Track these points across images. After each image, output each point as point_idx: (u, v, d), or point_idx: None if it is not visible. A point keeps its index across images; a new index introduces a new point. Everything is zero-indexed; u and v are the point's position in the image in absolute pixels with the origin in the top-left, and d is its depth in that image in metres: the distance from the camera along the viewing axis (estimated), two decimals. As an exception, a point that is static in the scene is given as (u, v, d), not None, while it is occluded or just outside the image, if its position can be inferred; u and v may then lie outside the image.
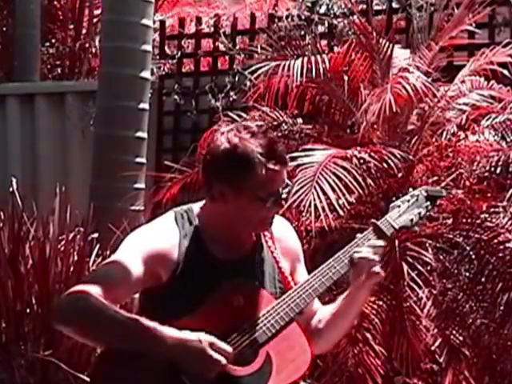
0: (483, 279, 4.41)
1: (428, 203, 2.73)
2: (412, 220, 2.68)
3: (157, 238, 2.53)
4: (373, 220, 2.67)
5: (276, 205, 2.53)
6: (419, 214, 2.70)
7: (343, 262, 2.56)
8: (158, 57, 7.73)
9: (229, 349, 2.38)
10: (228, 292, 2.48)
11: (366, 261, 2.55)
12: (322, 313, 2.67)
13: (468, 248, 4.44)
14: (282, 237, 2.67)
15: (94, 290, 2.39)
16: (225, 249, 2.56)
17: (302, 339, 2.49)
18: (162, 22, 8.13)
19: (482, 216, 4.48)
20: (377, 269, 2.55)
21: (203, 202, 2.62)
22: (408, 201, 2.71)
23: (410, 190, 2.78)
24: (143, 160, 6.48)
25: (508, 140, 4.62)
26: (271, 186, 2.50)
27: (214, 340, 2.36)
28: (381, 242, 2.59)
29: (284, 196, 2.53)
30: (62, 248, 4.66)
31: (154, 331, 2.35)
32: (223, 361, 2.36)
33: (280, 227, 2.68)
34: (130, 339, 2.37)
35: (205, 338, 2.36)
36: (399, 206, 2.70)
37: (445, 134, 4.70)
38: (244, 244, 2.60)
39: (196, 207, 2.62)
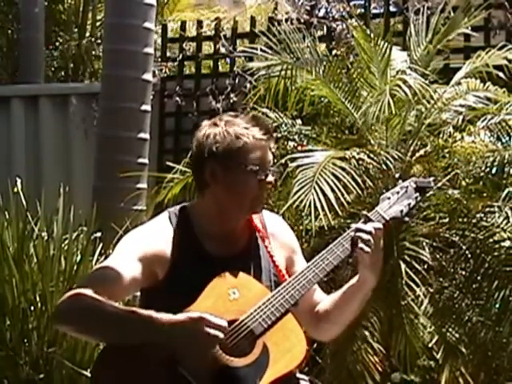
0: (479, 277, 4.41)
1: (417, 194, 2.75)
2: (402, 211, 2.71)
3: (151, 237, 2.58)
4: (363, 212, 2.71)
5: (266, 181, 2.57)
6: (409, 204, 2.72)
7: (336, 253, 2.60)
8: (159, 59, 7.79)
9: (224, 323, 2.40)
10: (223, 286, 2.51)
11: (361, 239, 2.58)
12: (330, 297, 2.71)
13: (464, 247, 4.44)
14: (276, 231, 2.72)
15: (90, 292, 2.44)
16: (220, 246, 2.59)
17: (298, 329, 2.53)
18: (164, 26, 8.19)
19: (478, 215, 4.48)
20: (365, 248, 2.58)
21: (196, 200, 2.68)
22: (398, 192, 2.74)
23: (400, 181, 2.81)
24: (145, 161, 6.53)
25: (503, 141, 4.67)
26: (259, 157, 2.55)
27: (207, 316, 2.39)
28: (380, 225, 2.63)
29: (272, 175, 2.58)
30: (66, 247, 4.67)
31: (151, 318, 2.40)
32: (220, 335, 2.38)
33: (273, 223, 2.73)
34: (129, 328, 2.42)
35: (197, 315, 2.38)
36: (389, 198, 2.72)
37: (441, 135, 4.73)
38: (239, 240, 2.64)
39: (189, 206, 2.67)
